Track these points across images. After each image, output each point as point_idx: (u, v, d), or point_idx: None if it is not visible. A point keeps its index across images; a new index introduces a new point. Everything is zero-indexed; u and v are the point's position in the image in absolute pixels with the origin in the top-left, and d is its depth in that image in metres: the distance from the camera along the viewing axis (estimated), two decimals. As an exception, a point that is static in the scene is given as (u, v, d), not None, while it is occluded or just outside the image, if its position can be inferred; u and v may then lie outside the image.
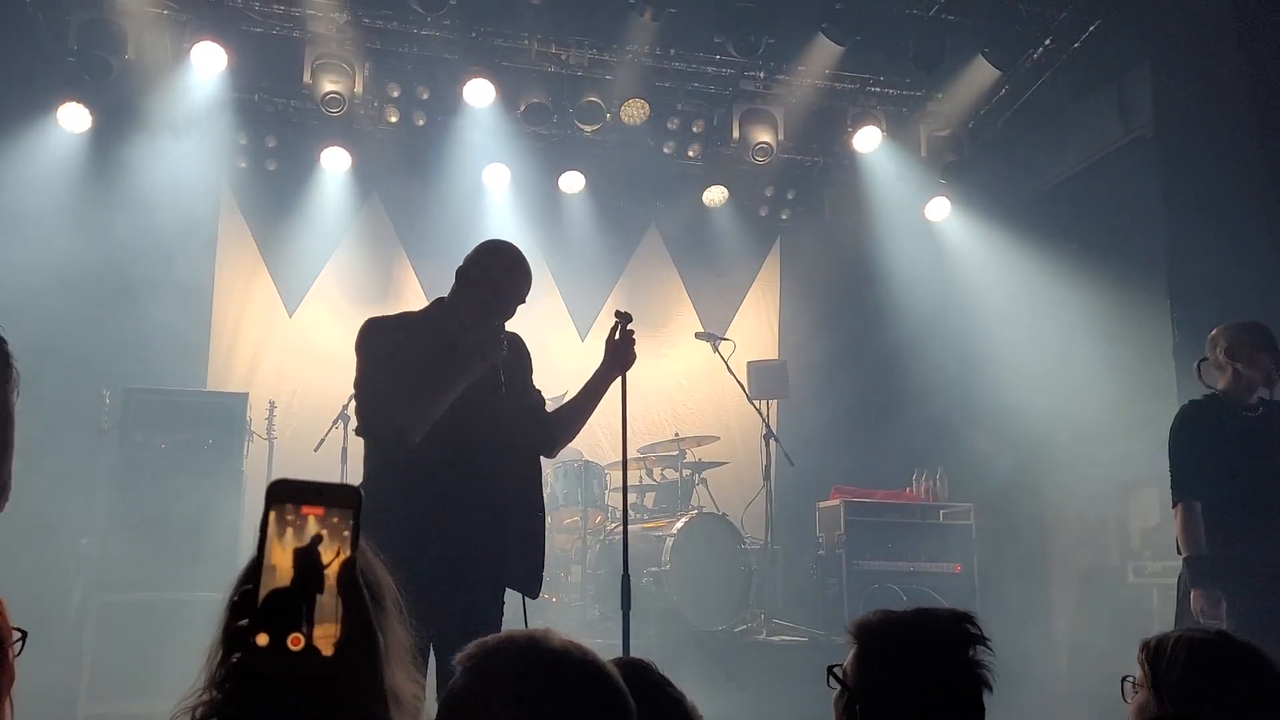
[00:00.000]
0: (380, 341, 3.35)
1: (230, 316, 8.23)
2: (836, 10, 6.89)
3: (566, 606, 6.86)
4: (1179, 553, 4.22)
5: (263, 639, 0.87)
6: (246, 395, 6.97)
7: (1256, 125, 5.61)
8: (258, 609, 0.88)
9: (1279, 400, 4.29)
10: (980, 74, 7.35)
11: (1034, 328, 7.38)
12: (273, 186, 8.14)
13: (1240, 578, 4.02)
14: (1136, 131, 6.85)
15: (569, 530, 7.01)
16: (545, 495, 7.00)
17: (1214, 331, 4.36)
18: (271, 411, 7.21)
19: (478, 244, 3.58)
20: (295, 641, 0.87)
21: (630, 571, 6.44)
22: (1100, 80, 7.17)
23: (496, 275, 3.47)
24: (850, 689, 1.83)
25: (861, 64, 7.49)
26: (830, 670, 1.87)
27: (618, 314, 3.65)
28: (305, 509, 0.92)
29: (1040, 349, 7.26)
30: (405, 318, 3.49)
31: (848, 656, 1.86)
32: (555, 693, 1.29)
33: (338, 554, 0.91)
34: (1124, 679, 2.12)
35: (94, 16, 6.67)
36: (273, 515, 0.91)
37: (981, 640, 1.78)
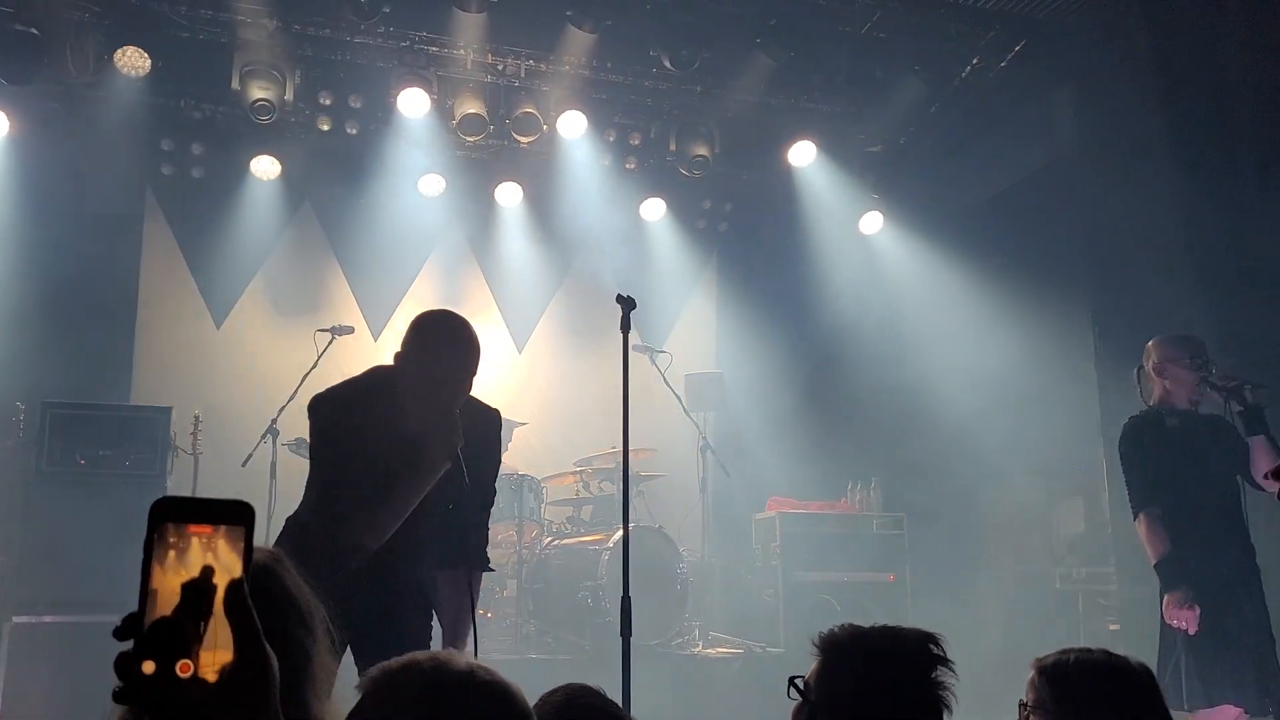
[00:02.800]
0: (333, 432, 3.09)
1: (155, 327, 8.03)
2: (771, 27, 6.96)
3: (502, 621, 6.79)
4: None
5: (149, 667, 0.82)
6: (170, 409, 6.79)
7: (1174, 144, 5.78)
8: (143, 635, 0.83)
9: (1208, 414, 4.39)
10: (911, 92, 7.48)
11: (964, 340, 7.50)
12: (200, 194, 7.98)
13: (1207, 580, 4.12)
14: (1061, 150, 7.02)
15: (504, 545, 6.95)
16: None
17: (1148, 344, 4.48)
18: (197, 426, 7.04)
19: (414, 319, 3.20)
20: (184, 669, 0.83)
21: (567, 585, 6.41)
22: (1026, 100, 7.33)
23: (431, 353, 3.08)
24: (812, 702, 1.83)
25: (796, 80, 7.57)
26: (792, 681, 1.87)
27: (620, 298, 3.59)
28: (193, 528, 0.87)
29: (970, 361, 7.39)
30: (352, 396, 3.14)
31: (810, 668, 1.86)
32: (459, 716, 1.28)
33: (228, 575, 0.86)
34: (1020, 702, 2.14)
35: (13, 19, 6.48)
36: (157, 535, 0.86)
37: (945, 661, 1.80)
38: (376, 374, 3.20)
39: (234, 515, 0.88)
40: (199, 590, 0.85)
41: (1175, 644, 4.13)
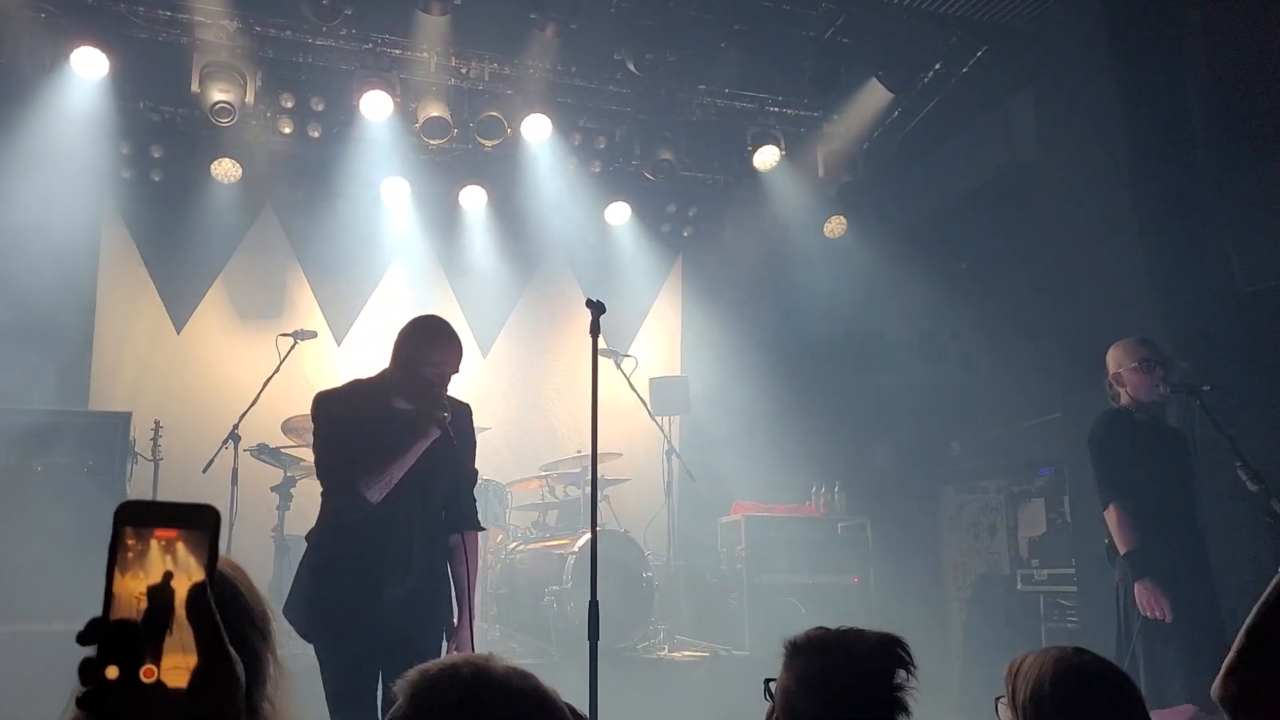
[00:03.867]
0: (337, 411, 3.64)
1: (113, 332, 7.91)
2: (735, 30, 6.98)
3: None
4: (1110, 559, 4.33)
5: (112, 672, 0.82)
6: (129, 415, 6.70)
7: (1133, 149, 5.87)
8: (106, 640, 0.82)
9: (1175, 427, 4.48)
10: (874, 96, 7.54)
11: (927, 344, 7.57)
12: (159, 198, 7.86)
13: (1144, 562, 4.20)
14: (1021, 156, 7.11)
15: (469, 549, 6.90)
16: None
17: (1108, 349, 4.55)
18: (157, 431, 6.94)
19: (408, 321, 3.76)
20: (147, 674, 0.82)
21: (532, 589, 6.37)
22: (987, 105, 7.42)
23: (425, 349, 3.64)
24: (776, 704, 1.87)
25: (760, 83, 7.62)
26: (767, 684, 1.92)
27: (590, 303, 3.77)
28: (158, 532, 0.86)
29: (933, 365, 7.45)
30: (356, 387, 3.73)
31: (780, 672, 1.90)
32: None
33: (191, 578, 0.85)
34: (997, 699, 2.15)
35: (-34, 18, 6.37)
36: (120, 540, 0.86)
37: (905, 665, 1.82)
38: (368, 378, 3.75)
39: (198, 519, 0.87)
40: (162, 594, 0.84)
41: (1131, 641, 4.18)
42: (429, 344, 3.64)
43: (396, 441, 3.56)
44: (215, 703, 0.85)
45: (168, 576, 0.85)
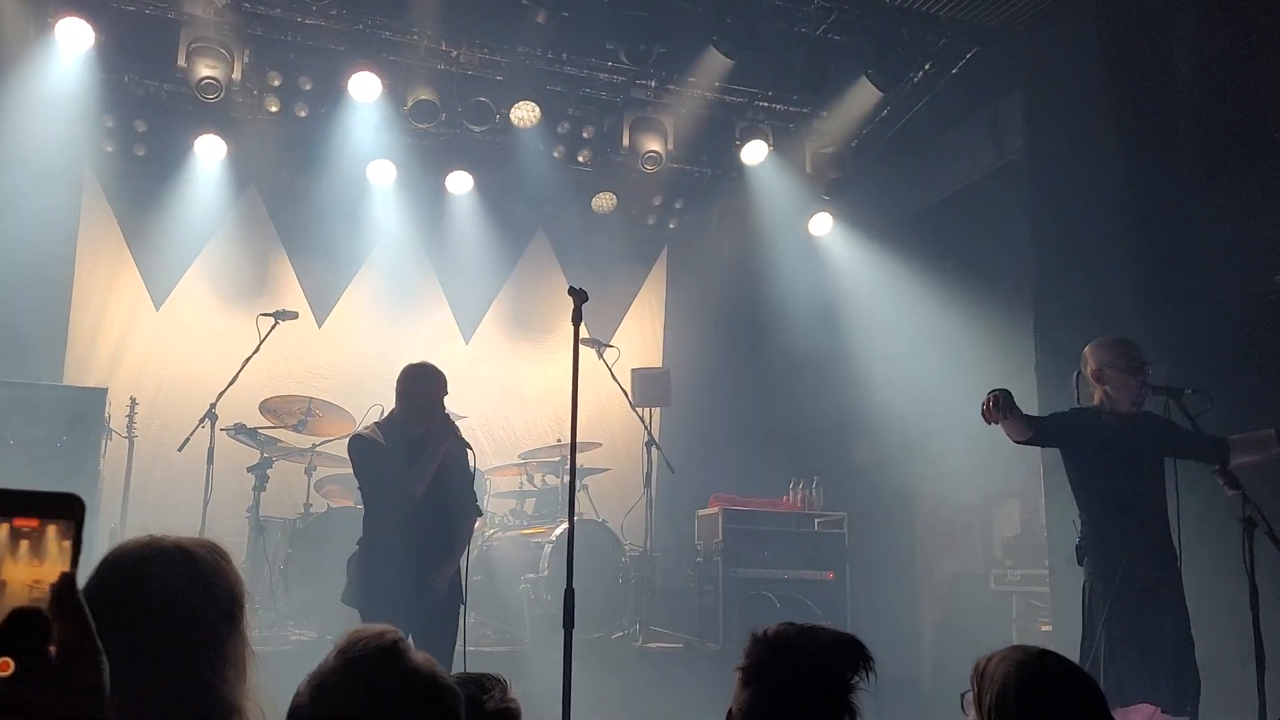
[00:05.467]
0: (372, 442, 4.72)
1: (91, 308, 7.84)
2: (727, 24, 6.97)
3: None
4: (1079, 559, 4.40)
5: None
6: (105, 391, 6.64)
7: (1120, 154, 5.89)
8: None
9: (1147, 412, 4.48)
10: (863, 95, 7.55)
11: (909, 342, 7.60)
12: (141, 173, 7.79)
13: (1106, 566, 4.26)
14: (1008, 157, 7.13)
15: (446, 535, 6.89)
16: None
17: (1086, 348, 4.56)
18: (133, 408, 6.90)
19: (402, 370, 4.82)
20: (3, 667, 0.78)
21: (508, 577, 6.40)
22: (976, 106, 7.44)
23: (419, 387, 4.76)
24: (731, 699, 1.93)
25: (750, 78, 7.61)
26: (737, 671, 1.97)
27: (572, 291, 3.97)
28: (18, 521, 0.83)
29: (915, 363, 7.48)
30: (379, 427, 4.82)
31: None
32: (402, 701, 1.50)
33: (57, 568, 0.82)
34: (963, 694, 2.17)
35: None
36: None
37: (857, 666, 1.85)
38: (383, 419, 4.89)
39: (62, 508, 0.84)
40: (25, 585, 0.81)
41: (1095, 640, 4.22)
42: (426, 382, 4.74)
43: (422, 451, 4.66)
44: (78, 697, 0.81)
45: (34, 567, 0.81)
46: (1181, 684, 4.14)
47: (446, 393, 4.78)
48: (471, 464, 4.79)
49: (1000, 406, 4.25)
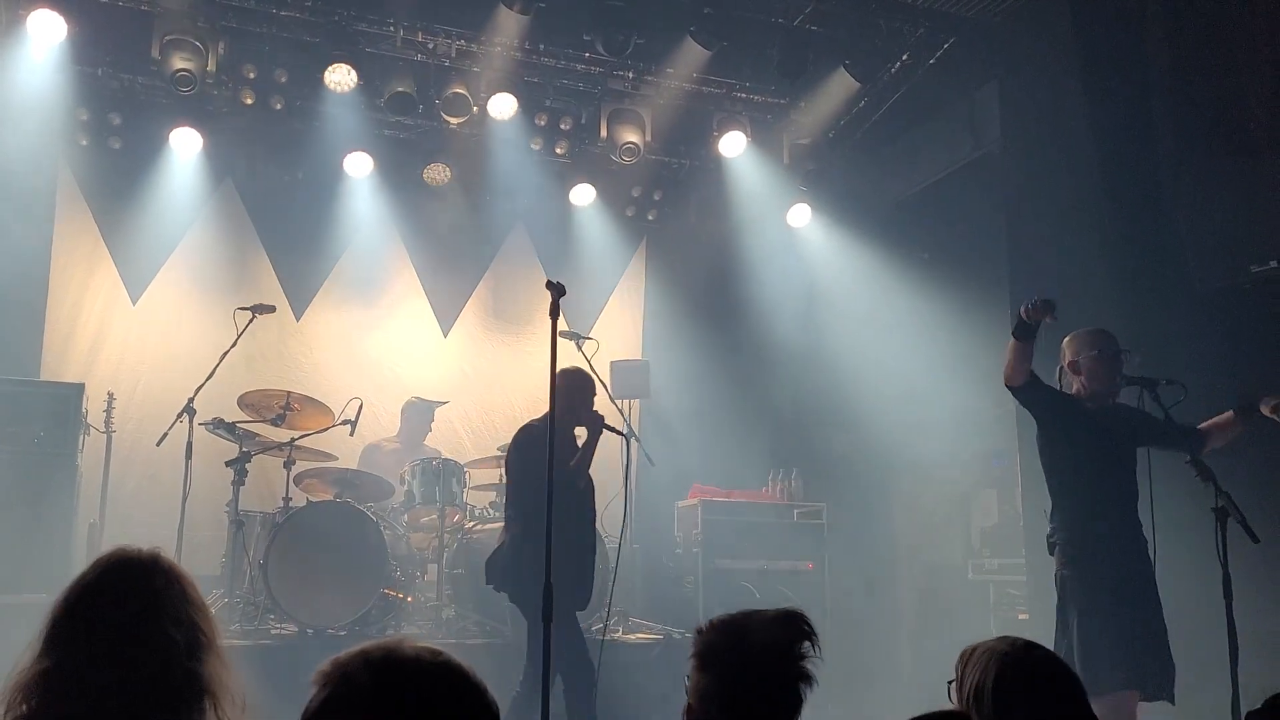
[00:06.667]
0: (536, 440, 5.06)
1: (67, 303, 7.77)
2: (704, 15, 6.97)
3: (421, 606, 6.74)
4: (1050, 550, 4.46)
5: None
6: (83, 386, 6.60)
7: (1096, 144, 5.93)
8: None
9: (1122, 404, 4.54)
10: (841, 86, 7.56)
11: (888, 334, 7.63)
12: (117, 167, 7.72)
13: (1076, 557, 4.33)
14: (985, 148, 7.17)
15: (426, 529, 6.88)
16: (402, 493, 6.86)
17: (1065, 340, 4.60)
18: (110, 404, 6.85)
19: (563, 373, 5.00)
20: None
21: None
22: (953, 97, 7.47)
23: (574, 388, 5.26)
24: (686, 692, 1.97)
25: (728, 69, 7.61)
26: (685, 679, 2.02)
27: (550, 284, 4.01)
28: None
29: (893, 354, 7.51)
30: (539, 423, 5.27)
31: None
32: (413, 702, 1.30)
33: None
34: (949, 682, 2.19)
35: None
36: None
37: (805, 636, 1.88)
38: (540, 418, 5.31)
39: None
40: None
41: (1070, 629, 4.27)
42: (579, 385, 5.34)
43: (577, 445, 5.24)
44: None
45: None
46: (1157, 670, 4.20)
47: (595, 394, 5.44)
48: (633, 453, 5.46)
49: (1040, 308, 4.20)
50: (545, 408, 4.16)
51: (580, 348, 7.01)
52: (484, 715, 1.35)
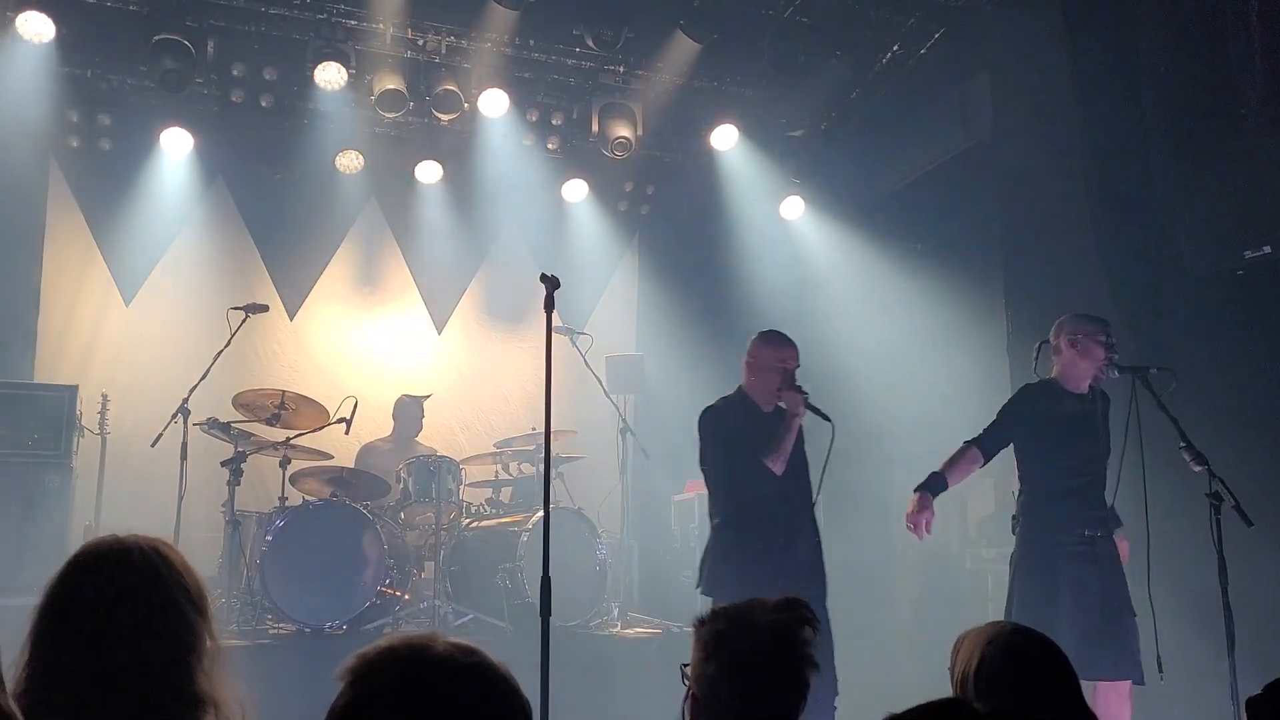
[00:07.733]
0: (726, 419, 4.70)
1: (60, 304, 7.75)
2: (695, 8, 6.96)
3: (418, 604, 6.73)
4: (1012, 529, 4.51)
5: None
6: (76, 388, 6.59)
7: (1087, 132, 5.93)
8: None
9: (1102, 390, 4.58)
10: (832, 77, 7.55)
11: (882, 324, 7.63)
12: (108, 167, 7.71)
13: (1057, 545, 4.40)
14: (977, 138, 7.16)
15: (421, 527, 6.88)
16: (398, 491, 6.84)
17: (1060, 319, 4.62)
18: (104, 405, 6.84)
19: (753, 338, 4.78)
20: None
21: (485, 567, 6.36)
22: (944, 87, 7.46)
23: (772, 352, 4.67)
24: (690, 682, 1.98)
25: (719, 62, 7.59)
26: (683, 669, 2.02)
27: (544, 278, 4.03)
28: None
29: (887, 345, 7.52)
30: (730, 401, 4.80)
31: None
32: (443, 700, 1.25)
33: None
34: (950, 669, 2.21)
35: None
36: None
37: (806, 621, 1.90)
38: (734, 393, 4.81)
39: None
40: None
41: (1011, 610, 4.33)
42: (773, 348, 4.66)
43: (775, 428, 4.59)
44: None
45: None
46: (1115, 650, 4.21)
47: (798, 364, 4.71)
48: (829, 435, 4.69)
49: (918, 507, 4.54)
50: (541, 404, 4.04)
51: (574, 343, 7.01)
52: (516, 719, 1.29)
